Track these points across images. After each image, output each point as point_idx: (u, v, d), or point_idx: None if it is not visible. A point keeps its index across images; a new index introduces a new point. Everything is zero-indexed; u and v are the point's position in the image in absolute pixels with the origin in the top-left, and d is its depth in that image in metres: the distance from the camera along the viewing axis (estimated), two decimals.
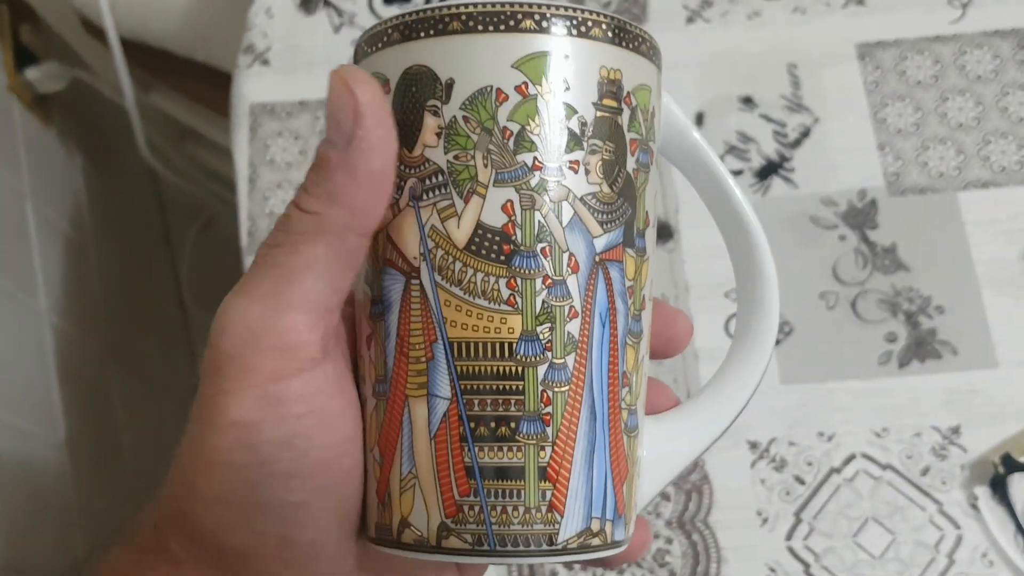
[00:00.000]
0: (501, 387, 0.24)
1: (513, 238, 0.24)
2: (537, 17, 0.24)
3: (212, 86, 0.78)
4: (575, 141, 0.25)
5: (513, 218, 0.24)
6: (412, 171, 0.25)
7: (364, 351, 0.27)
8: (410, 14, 0.25)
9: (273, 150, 0.58)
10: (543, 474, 0.24)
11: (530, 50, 0.24)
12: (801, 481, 0.50)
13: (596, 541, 0.25)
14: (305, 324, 0.25)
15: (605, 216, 0.25)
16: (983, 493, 0.49)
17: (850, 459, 0.50)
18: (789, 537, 0.49)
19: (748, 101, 0.57)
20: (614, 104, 0.25)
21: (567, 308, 0.25)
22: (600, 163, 0.25)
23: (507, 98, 0.24)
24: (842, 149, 0.56)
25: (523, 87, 0.24)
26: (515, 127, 0.24)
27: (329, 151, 0.24)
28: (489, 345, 0.24)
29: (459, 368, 0.24)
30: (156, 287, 1.14)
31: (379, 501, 0.26)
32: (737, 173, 0.56)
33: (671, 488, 0.50)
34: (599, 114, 0.25)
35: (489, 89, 0.24)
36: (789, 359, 0.52)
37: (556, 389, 0.24)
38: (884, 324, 0.52)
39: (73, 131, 0.99)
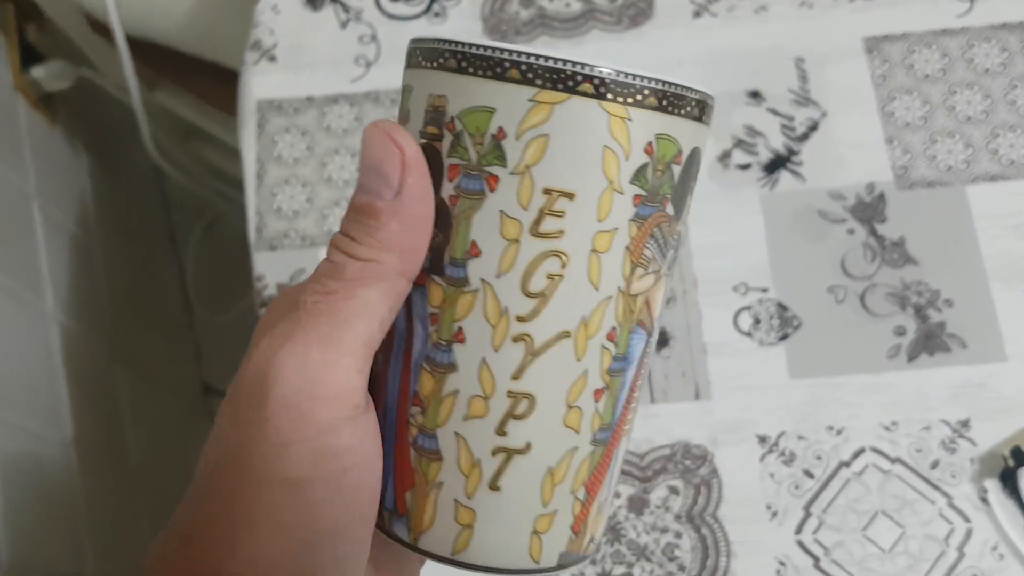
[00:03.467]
0: None
1: None
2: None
3: (219, 84, 0.78)
4: None
5: None
6: None
7: (588, 404, 0.27)
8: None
9: (280, 146, 0.58)
10: None
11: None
12: (810, 475, 0.50)
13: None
14: (356, 369, 0.25)
15: None
16: (993, 486, 0.49)
17: (859, 453, 0.50)
18: (798, 531, 0.49)
19: (756, 95, 0.57)
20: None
21: None
22: None
23: None
24: (850, 143, 0.56)
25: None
26: None
27: (376, 201, 0.25)
28: None
29: None
30: (161, 286, 1.14)
31: (573, 533, 0.28)
32: (745, 167, 0.56)
33: (680, 482, 0.50)
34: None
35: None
36: (798, 353, 0.52)
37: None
38: (893, 318, 0.52)
39: (79, 130, 0.99)
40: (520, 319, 0.26)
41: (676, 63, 0.58)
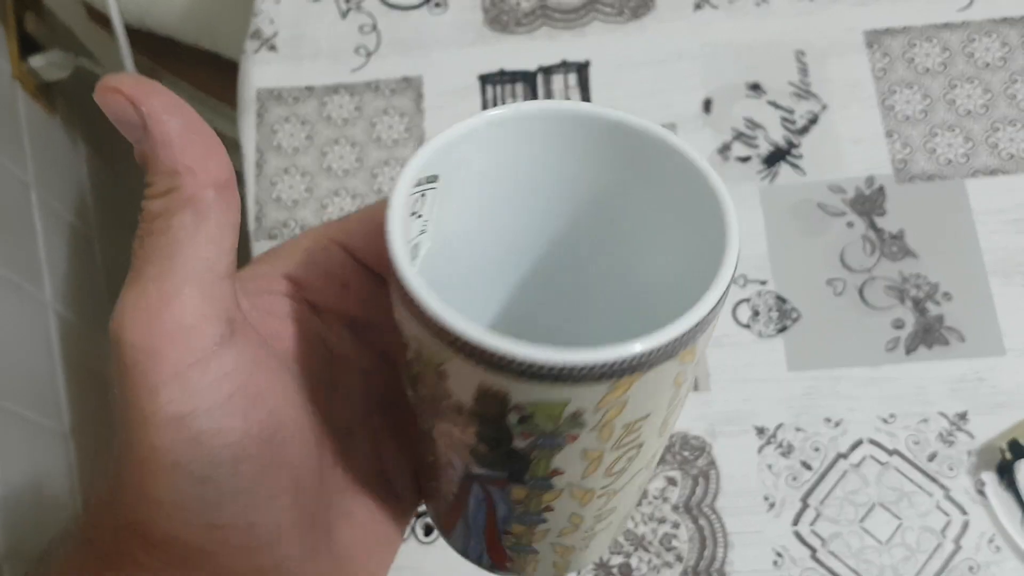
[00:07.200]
0: None
1: None
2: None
3: (218, 74, 0.78)
4: None
5: None
6: None
7: None
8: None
9: (280, 135, 0.58)
10: None
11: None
12: (808, 467, 0.50)
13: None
14: (200, 297, 0.24)
15: None
16: (990, 479, 0.49)
17: (857, 445, 0.50)
18: (796, 522, 0.49)
19: (756, 88, 0.57)
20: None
21: None
22: None
23: None
24: (850, 136, 0.56)
25: None
26: None
27: (138, 149, 0.25)
28: None
29: None
30: None
31: None
32: (745, 160, 0.56)
33: (678, 473, 0.50)
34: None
35: None
36: (796, 346, 0.52)
37: None
38: (891, 311, 0.52)
39: (77, 119, 0.99)
40: (603, 489, 0.26)
41: (676, 56, 0.58)
